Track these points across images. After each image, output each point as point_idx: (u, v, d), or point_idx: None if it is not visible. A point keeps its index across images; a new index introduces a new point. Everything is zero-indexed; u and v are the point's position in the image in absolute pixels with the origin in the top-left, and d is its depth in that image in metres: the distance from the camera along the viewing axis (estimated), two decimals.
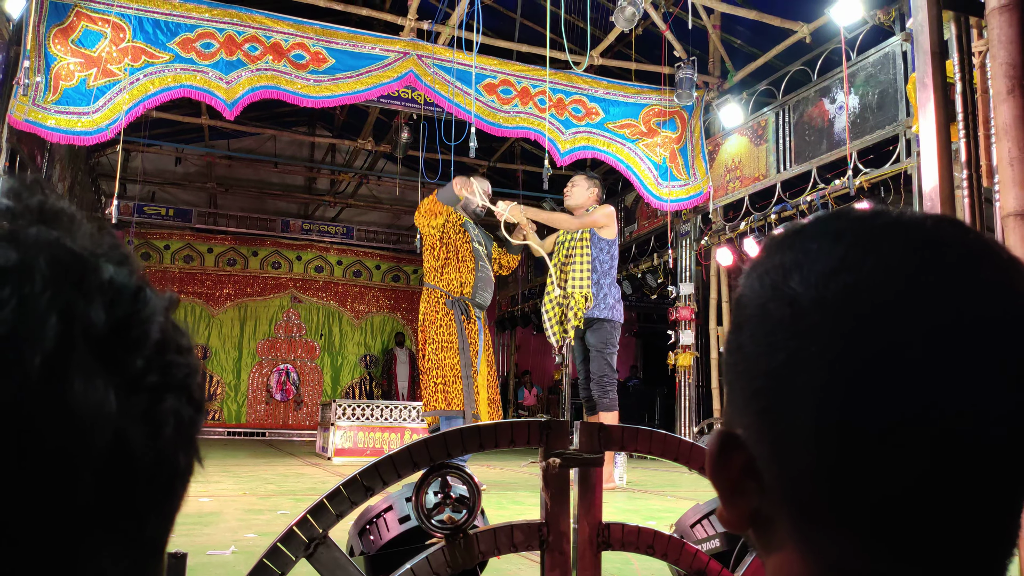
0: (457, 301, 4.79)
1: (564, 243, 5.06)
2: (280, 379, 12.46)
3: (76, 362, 0.26)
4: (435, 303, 4.80)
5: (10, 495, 0.25)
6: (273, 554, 0.94)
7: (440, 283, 4.84)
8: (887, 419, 0.35)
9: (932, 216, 0.40)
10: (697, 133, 7.76)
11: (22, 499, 0.25)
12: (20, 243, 0.27)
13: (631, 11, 5.98)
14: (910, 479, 0.35)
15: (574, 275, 4.92)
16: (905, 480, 0.35)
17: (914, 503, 0.35)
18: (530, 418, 0.99)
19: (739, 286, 0.44)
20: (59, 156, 7.52)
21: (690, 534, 1.28)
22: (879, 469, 0.35)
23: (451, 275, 4.83)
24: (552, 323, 4.97)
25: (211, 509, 3.48)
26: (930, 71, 1.83)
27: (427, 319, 4.82)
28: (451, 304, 4.77)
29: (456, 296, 4.79)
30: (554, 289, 4.95)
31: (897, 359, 0.35)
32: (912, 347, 0.35)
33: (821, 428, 0.37)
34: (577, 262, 4.95)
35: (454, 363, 4.67)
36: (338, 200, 12.59)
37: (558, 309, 4.96)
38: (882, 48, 5.84)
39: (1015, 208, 1.61)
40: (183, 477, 0.31)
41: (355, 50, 6.58)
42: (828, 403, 0.36)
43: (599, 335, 4.94)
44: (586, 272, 4.91)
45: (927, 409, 0.35)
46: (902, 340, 0.35)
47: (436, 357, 4.70)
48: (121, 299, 0.28)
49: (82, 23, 5.81)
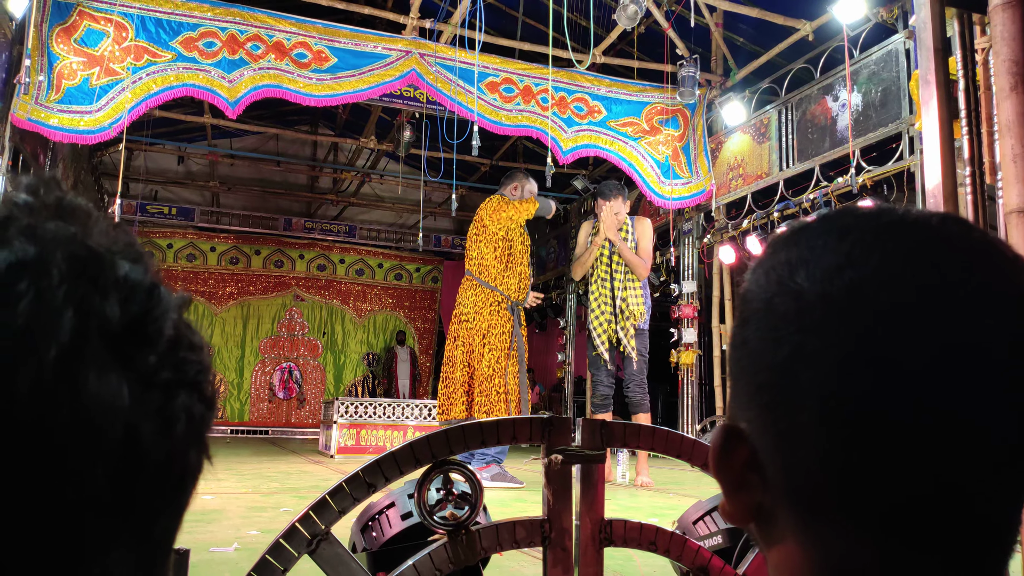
0: (514, 306, 4.78)
1: (604, 257, 5.11)
2: (283, 377, 12.47)
3: (90, 356, 0.26)
4: (496, 307, 4.75)
5: (23, 485, 0.25)
6: (276, 550, 0.95)
7: (501, 286, 4.79)
8: (891, 414, 0.35)
9: (937, 214, 0.40)
10: (700, 131, 7.76)
11: (34, 489, 0.25)
12: (38, 238, 0.27)
13: (633, 9, 5.97)
14: (912, 475, 0.35)
15: (632, 291, 5.05)
16: (907, 476, 0.35)
17: (916, 499, 0.35)
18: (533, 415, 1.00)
19: (745, 281, 0.44)
20: (62, 155, 7.53)
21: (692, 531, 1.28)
22: (881, 465, 0.36)
23: (511, 280, 4.81)
24: (603, 337, 4.98)
25: (214, 507, 3.49)
26: (933, 68, 1.83)
27: (486, 323, 4.75)
28: (511, 309, 4.76)
29: (514, 300, 4.78)
30: (605, 304, 5.00)
31: (901, 355, 0.35)
32: (916, 344, 0.35)
33: (825, 422, 0.37)
34: (630, 278, 5.09)
35: (515, 371, 4.68)
36: (340, 199, 12.60)
37: (614, 323, 4.99)
38: (885, 46, 5.82)
39: (1018, 205, 1.61)
40: (193, 474, 0.31)
41: (357, 49, 6.58)
42: (833, 398, 0.37)
43: (642, 341, 5.10)
44: (639, 287, 5.08)
45: (930, 406, 0.35)
46: (906, 336, 0.36)
47: (499, 366, 4.68)
48: (136, 296, 0.29)
49: (84, 22, 5.82)
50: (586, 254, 5.11)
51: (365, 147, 10.56)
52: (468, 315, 4.80)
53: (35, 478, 0.25)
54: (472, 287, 4.84)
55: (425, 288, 13.52)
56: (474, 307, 4.79)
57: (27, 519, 0.25)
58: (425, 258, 13.38)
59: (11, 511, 0.25)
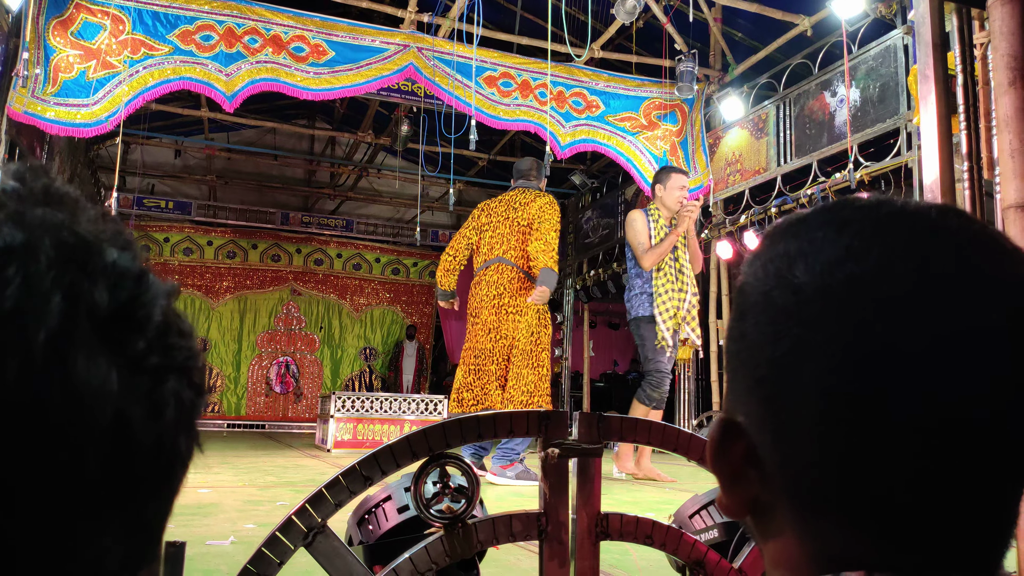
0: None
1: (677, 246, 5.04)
2: (280, 371, 12.47)
3: (79, 341, 0.26)
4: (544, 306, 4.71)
5: (13, 470, 0.25)
6: (272, 543, 0.94)
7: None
8: (890, 409, 0.35)
9: (936, 205, 0.40)
10: (698, 126, 7.75)
11: (25, 474, 0.25)
12: (26, 224, 0.27)
13: (632, 4, 5.96)
14: (912, 468, 0.35)
15: (692, 280, 5.03)
16: (907, 469, 0.35)
17: (915, 492, 0.35)
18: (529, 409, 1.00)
19: (742, 274, 0.44)
20: (58, 148, 7.50)
21: (689, 524, 1.28)
22: (881, 458, 0.36)
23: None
24: (669, 324, 4.86)
25: (210, 500, 3.49)
26: (931, 63, 1.82)
27: (546, 321, 4.70)
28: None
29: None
30: (677, 292, 4.93)
31: (901, 349, 0.35)
32: (916, 337, 0.35)
33: (824, 416, 0.37)
34: (688, 268, 5.06)
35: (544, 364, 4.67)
36: (338, 193, 12.58)
37: (681, 312, 4.92)
38: (883, 41, 5.82)
39: (1016, 200, 1.61)
40: (183, 461, 0.31)
41: (355, 42, 6.56)
42: (831, 391, 0.36)
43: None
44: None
45: (930, 399, 0.35)
46: (906, 329, 0.35)
47: (548, 362, 4.66)
48: (124, 282, 0.29)
49: (81, 15, 5.79)
50: (665, 244, 4.92)
51: (362, 141, 10.54)
52: (531, 313, 4.67)
53: (25, 463, 0.25)
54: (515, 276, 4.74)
55: (422, 283, 13.52)
56: (536, 306, 4.70)
57: (18, 505, 0.25)
58: (422, 253, 13.37)
59: (1, 497, 0.25)
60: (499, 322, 4.67)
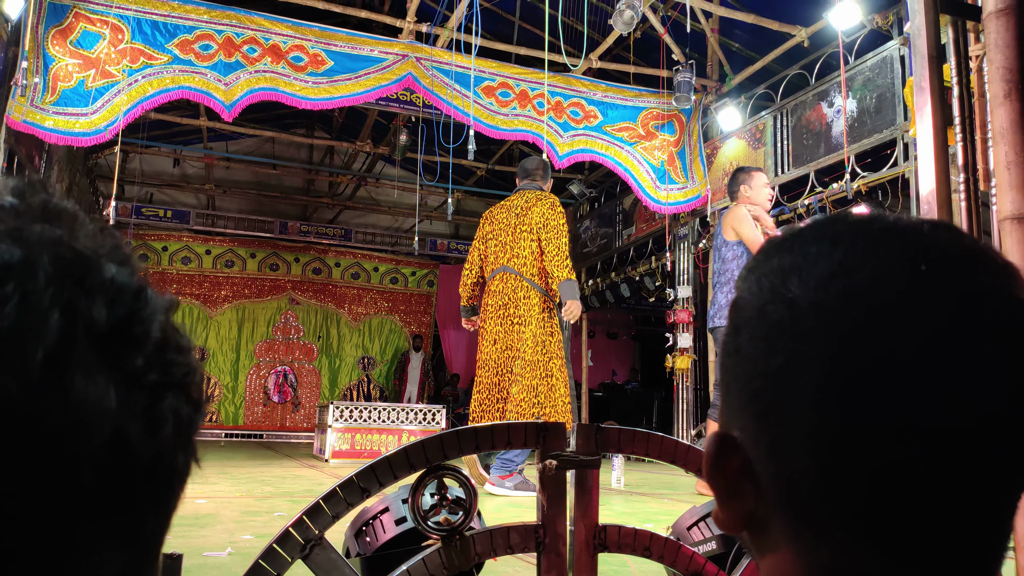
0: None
1: None
2: (278, 381, 12.43)
3: (77, 358, 0.26)
4: (555, 314, 4.63)
5: (11, 487, 0.25)
6: (269, 555, 0.94)
7: (553, 294, 4.65)
8: (884, 422, 0.35)
9: (928, 221, 0.40)
10: (695, 136, 7.77)
11: (23, 491, 0.25)
12: (24, 240, 0.27)
13: (629, 14, 5.98)
14: (907, 482, 0.35)
15: None
16: (901, 483, 0.35)
17: (910, 506, 0.36)
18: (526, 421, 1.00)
19: (737, 289, 0.44)
20: (57, 157, 7.51)
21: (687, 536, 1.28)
22: (876, 472, 0.36)
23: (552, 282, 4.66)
24: None
25: (208, 511, 3.47)
26: (927, 75, 1.83)
27: (553, 329, 4.60)
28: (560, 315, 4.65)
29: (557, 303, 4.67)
30: None
31: (894, 363, 0.36)
32: (909, 351, 0.36)
33: (819, 430, 0.37)
34: None
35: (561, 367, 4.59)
36: (336, 202, 12.59)
37: None
38: (880, 52, 5.85)
39: (1012, 212, 1.62)
40: (181, 476, 0.31)
41: (354, 52, 6.58)
42: (826, 406, 0.37)
43: None
44: None
45: (924, 413, 0.35)
46: (899, 344, 0.36)
47: (563, 371, 4.57)
48: (122, 298, 0.29)
49: (80, 24, 5.81)
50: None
51: (361, 151, 10.56)
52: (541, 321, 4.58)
53: (23, 480, 0.25)
54: (537, 294, 4.62)
55: (421, 292, 13.51)
56: (545, 314, 4.60)
57: (16, 521, 0.25)
58: (421, 262, 13.37)
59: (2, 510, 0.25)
60: (504, 332, 4.59)
